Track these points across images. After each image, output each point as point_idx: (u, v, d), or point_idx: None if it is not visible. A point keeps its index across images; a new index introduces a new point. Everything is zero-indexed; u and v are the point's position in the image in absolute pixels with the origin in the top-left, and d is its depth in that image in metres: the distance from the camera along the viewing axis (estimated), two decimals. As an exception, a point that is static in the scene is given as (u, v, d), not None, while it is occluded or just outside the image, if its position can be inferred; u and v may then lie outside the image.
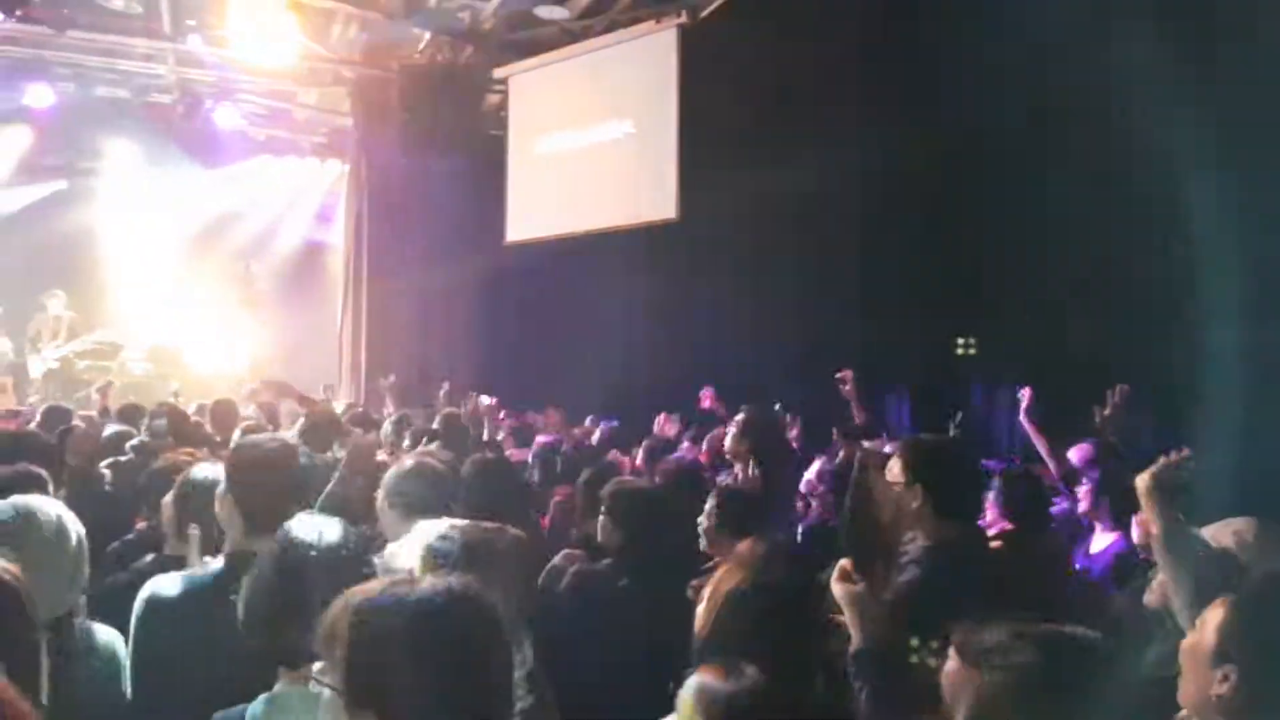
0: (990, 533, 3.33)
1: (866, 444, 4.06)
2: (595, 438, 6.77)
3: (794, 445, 5.39)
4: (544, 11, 9.48)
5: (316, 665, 1.39)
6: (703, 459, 5.28)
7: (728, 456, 4.84)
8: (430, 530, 2.39)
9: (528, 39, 10.06)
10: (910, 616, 2.42)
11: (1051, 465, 4.42)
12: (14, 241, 13.63)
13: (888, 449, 3.32)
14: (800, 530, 4.55)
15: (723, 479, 4.52)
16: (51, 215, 13.79)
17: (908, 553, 2.73)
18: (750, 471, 4.45)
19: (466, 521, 2.51)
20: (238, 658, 1.99)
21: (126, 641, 2.42)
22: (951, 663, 1.69)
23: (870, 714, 1.96)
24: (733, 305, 9.44)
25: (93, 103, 11.68)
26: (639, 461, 5.57)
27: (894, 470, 2.77)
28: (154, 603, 2.43)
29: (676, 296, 9.53)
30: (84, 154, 13.60)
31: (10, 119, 12.74)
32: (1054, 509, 4.04)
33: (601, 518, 3.46)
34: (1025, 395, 4.79)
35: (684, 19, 8.93)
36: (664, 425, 6.63)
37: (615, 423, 6.84)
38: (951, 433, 5.20)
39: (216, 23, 10.19)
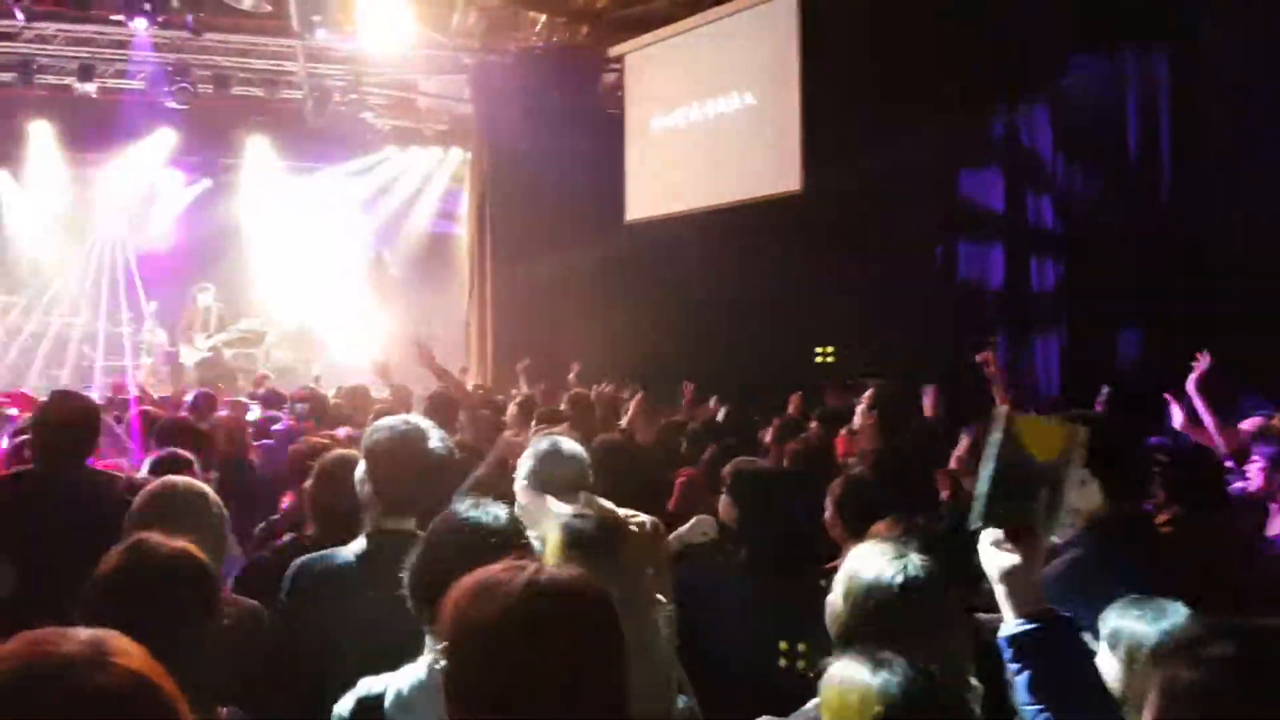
0: (1161, 518, 3.08)
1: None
2: (720, 416, 6.66)
3: (930, 419, 5.14)
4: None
5: (439, 645, 1.38)
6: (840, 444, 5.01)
7: (854, 431, 4.67)
8: (565, 511, 2.36)
9: (643, 15, 9.95)
10: (1068, 597, 2.25)
11: (1220, 441, 4.07)
12: (166, 238, 14.45)
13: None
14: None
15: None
16: (198, 212, 14.57)
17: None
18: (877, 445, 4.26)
19: (601, 503, 2.48)
20: (381, 630, 2.05)
21: (269, 615, 2.54)
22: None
23: (1031, 702, 1.79)
24: (861, 280, 9.07)
25: (229, 102, 12.17)
26: (768, 441, 5.45)
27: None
28: (302, 579, 2.54)
29: (802, 271, 9.24)
30: (224, 152, 14.25)
31: (156, 122, 13.47)
32: (1232, 489, 3.70)
33: (723, 497, 3.38)
34: (1200, 363, 4.39)
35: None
36: (795, 405, 6.46)
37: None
38: (1099, 407, 4.88)
39: (341, 17, 10.47)
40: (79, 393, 4.36)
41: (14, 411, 6.25)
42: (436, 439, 2.89)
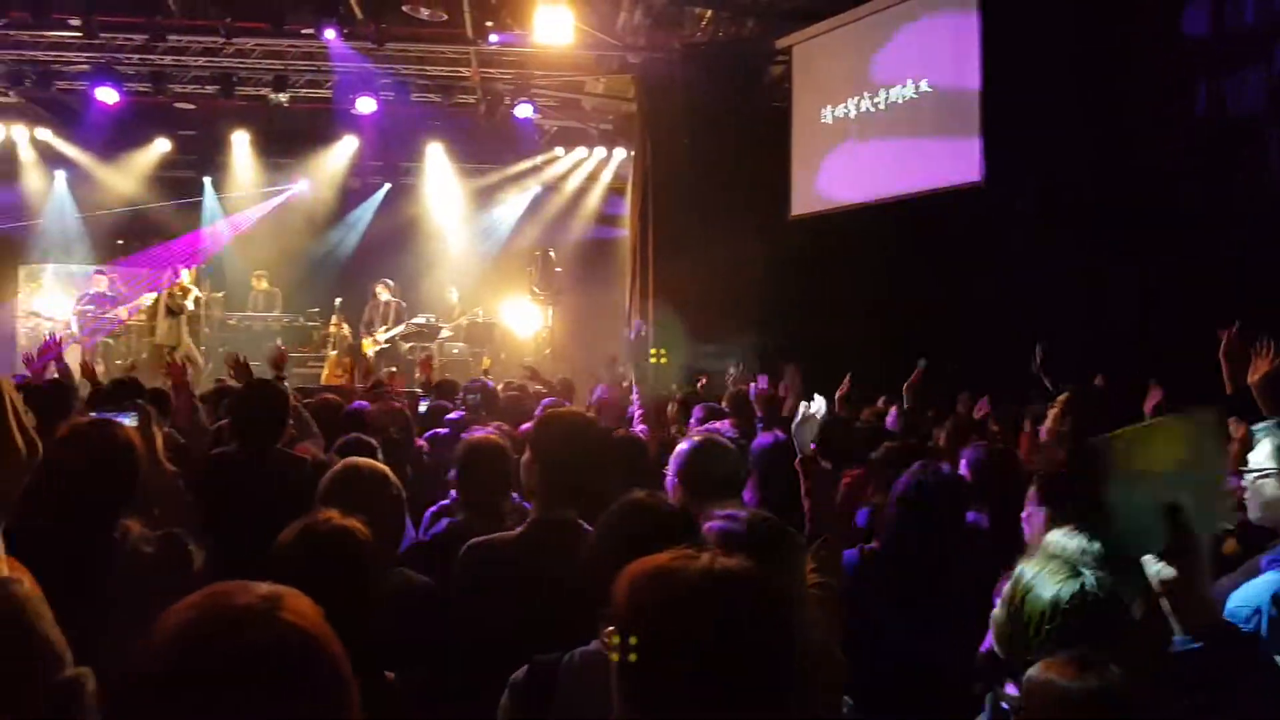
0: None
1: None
2: (890, 418, 6.43)
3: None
4: (829, -26, 9.18)
5: (609, 629, 1.39)
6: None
7: (1045, 439, 4.38)
8: (716, 512, 2.34)
9: (811, 6, 9.76)
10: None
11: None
12: (350, 239, 15.33)
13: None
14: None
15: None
16: (379, 213, 15.40)
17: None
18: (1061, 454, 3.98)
19: (753, 508, 2.44)
20: (544, 613, 2.14)
21: (439, 592, 2.69)
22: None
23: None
24: (1047, 274, 8.50)
25: (408, 108, 12.75)
26: (941, 443, 5.21)
27: (1260, 455, 2.38)
28: (471, 560, 2.65)
29: (980, 265, 8.80)
30: (402, 155, 14.98)
31: (342, 129, 14.30)
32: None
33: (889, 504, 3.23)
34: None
35: (985, -35, 8.28)
36: (979, 407, 6.16)
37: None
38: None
39: (512, 23, 10.80)
40: (273, 381, 4.64)
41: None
42: (598, 431, 2.92)
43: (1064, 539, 2.03)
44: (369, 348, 12.63)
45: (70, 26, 10.73)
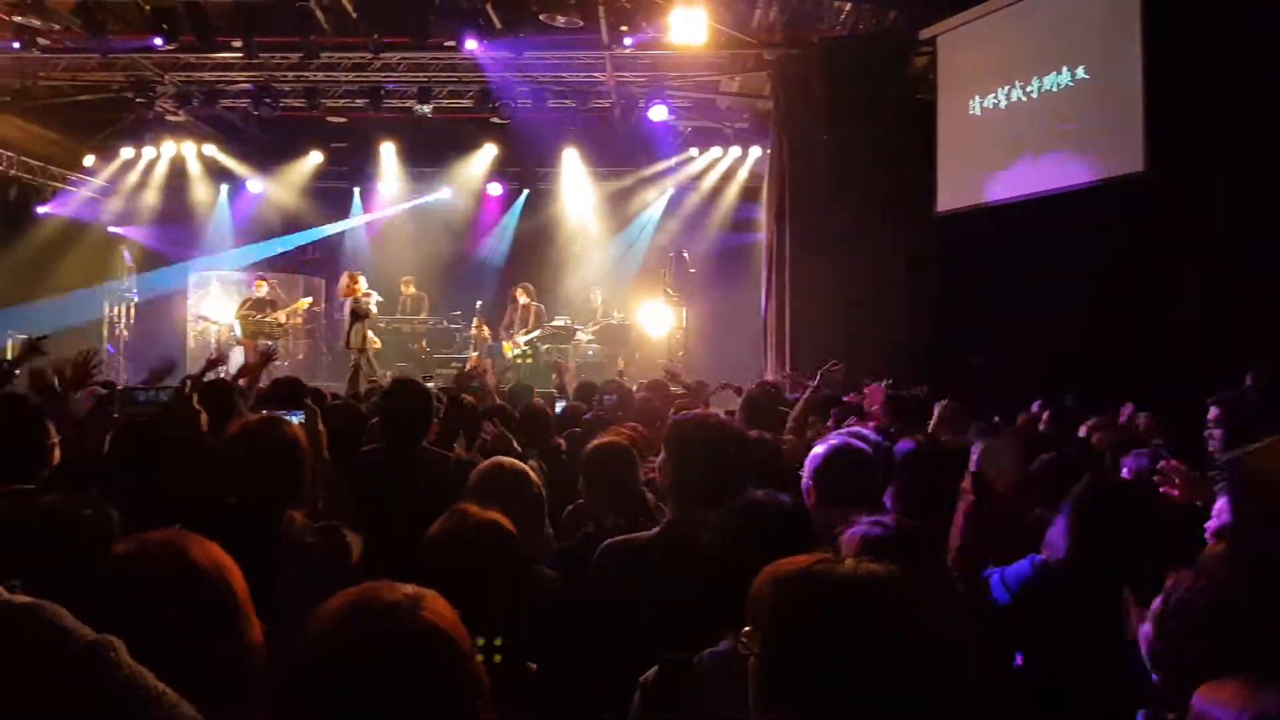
0: None
1: None
2: (1043, 424, 6.12)
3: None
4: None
5: (745, 629, 1.41)
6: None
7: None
8: (862, 518, 2.30)
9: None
10: None
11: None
12: (490, 244, 15.74)
13: None
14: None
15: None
16: (518, 218, 15.78)
17: None
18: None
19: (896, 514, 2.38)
20: (677, 613, 2.12)
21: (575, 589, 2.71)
22: None
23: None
24: (1219, 272, 7.91)
25: (545, 114, 12.99)
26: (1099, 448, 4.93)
27: None
28: (607, 560, 2.68)
29: (1145, 263, 8.26)
30: (540, 161, 15.29)
31: (482, 138, 14.71)
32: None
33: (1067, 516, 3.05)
34: None
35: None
36: (1143, 420, 5.80)
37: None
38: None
39: (646, 26, 10.85)
40: (418, 381, 4.79)
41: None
42: (732, 432, 2.89)
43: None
44: (509, 350, 12.93)
45: (232, 48, 11.40)
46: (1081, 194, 8.47)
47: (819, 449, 3.13)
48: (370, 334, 12.12)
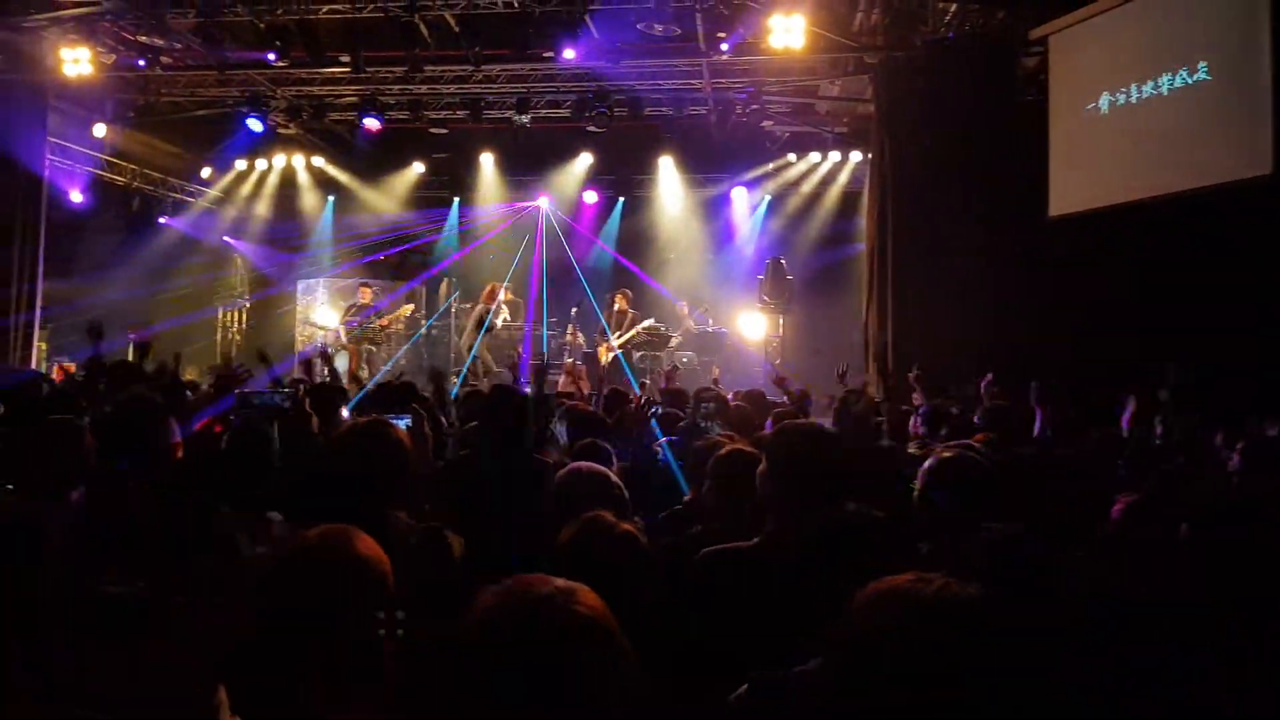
0: None
1: None
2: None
3: None
4: (1090, -44, 8.50)
5: (834, 647, 1.42)
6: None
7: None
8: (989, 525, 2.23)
9: (1069, -9, 9.11)
10: None
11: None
12: (582, 249, 15.83)
13: None
14: None
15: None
16: (614, 225, 15.87)
17: None
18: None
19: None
20: (772, 626, 2.14)
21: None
22: None
23: None
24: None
25: (641, 121, 13.03)
26: (1234, 465, 4.65)
27: None
28: (704, 569, 2.67)
29: (1268, 268, 7.82)
30: (636, 169, 15.36)
31: (577, 146, 14.85)
32: None
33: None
34: None
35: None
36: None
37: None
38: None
39: (745, 31, 10.79)
40: (515, 388, 4.84)
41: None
42: (835, 442, 2.84)
43: None
44: (604, 356, 12.99)
45: (341, 63, 11.77)
46: (1202, 197, 8.08)
47: (930, 460, 3.06)
48: (485, 349, 12.47)
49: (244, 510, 2.85)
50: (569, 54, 10.87)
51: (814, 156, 14.44)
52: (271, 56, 11.13)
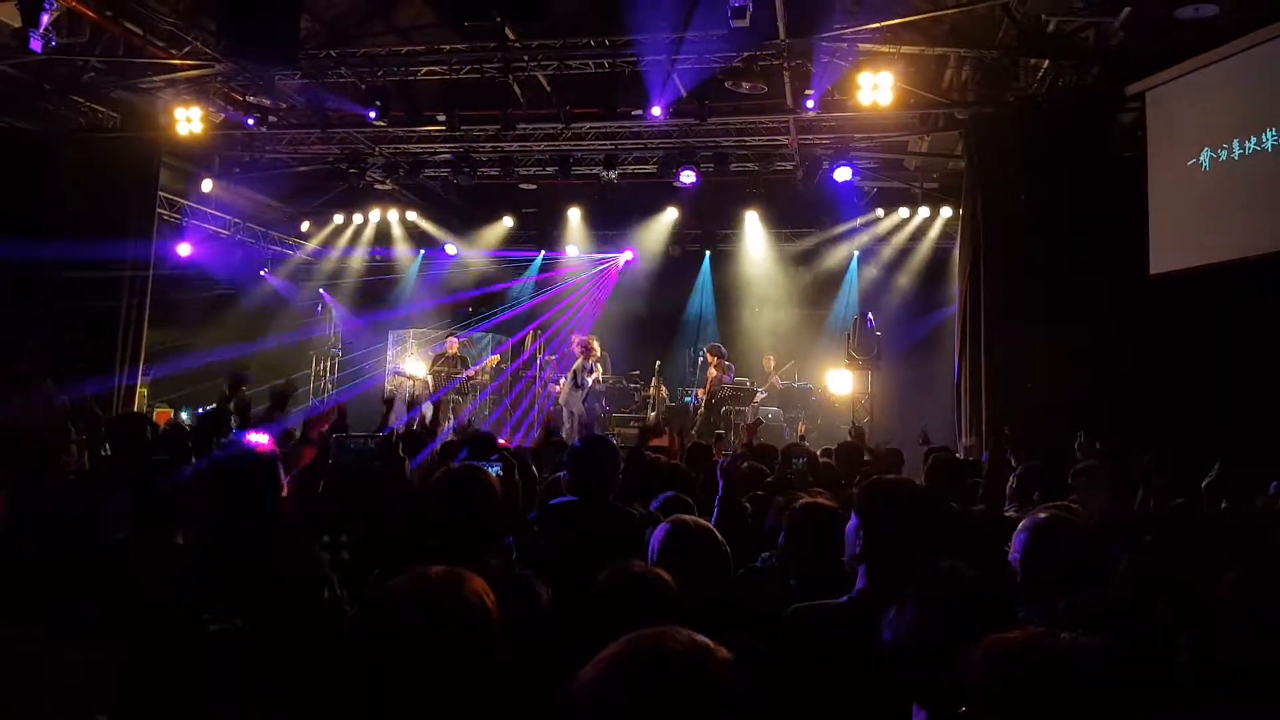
0: None
1: None
2: None
3: None
4: (1188, 12, 8.32)
5: (963, 708, 1.39)
6: None
7: None
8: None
9: (1166, 48, 8.92)
10: None
11: None
12: (672, 305, 15.89)
13: None
14: None
15: None
16: (698, 279, 15.93)
17: None
18: None
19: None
20: (866, 686, 2.11)
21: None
22: None
23: None
24: None
25: (728, 177, 13.12)
26: None
27: None
28: (794, 626, 2.65)
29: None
30: (721, 223, 15.45)
31: (665, 201, 15.02)
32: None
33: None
34: None
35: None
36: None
37: None
38: None
39: (832, 89, 10.83)
40: (606, 438, 4.86)
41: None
42: (930, 499, 2.80)
43: None
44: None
45: (437, 122, 12.17)
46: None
47: (1025, 522, 3.02)
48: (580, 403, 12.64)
49: (343, 553, 2.91)
50: (656, 111, 11.05)
51: (903, 212, 14.34)
52: (372, 115, 11.58)
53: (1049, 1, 8.66)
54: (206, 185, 14.35)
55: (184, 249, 14.57)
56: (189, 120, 11.63)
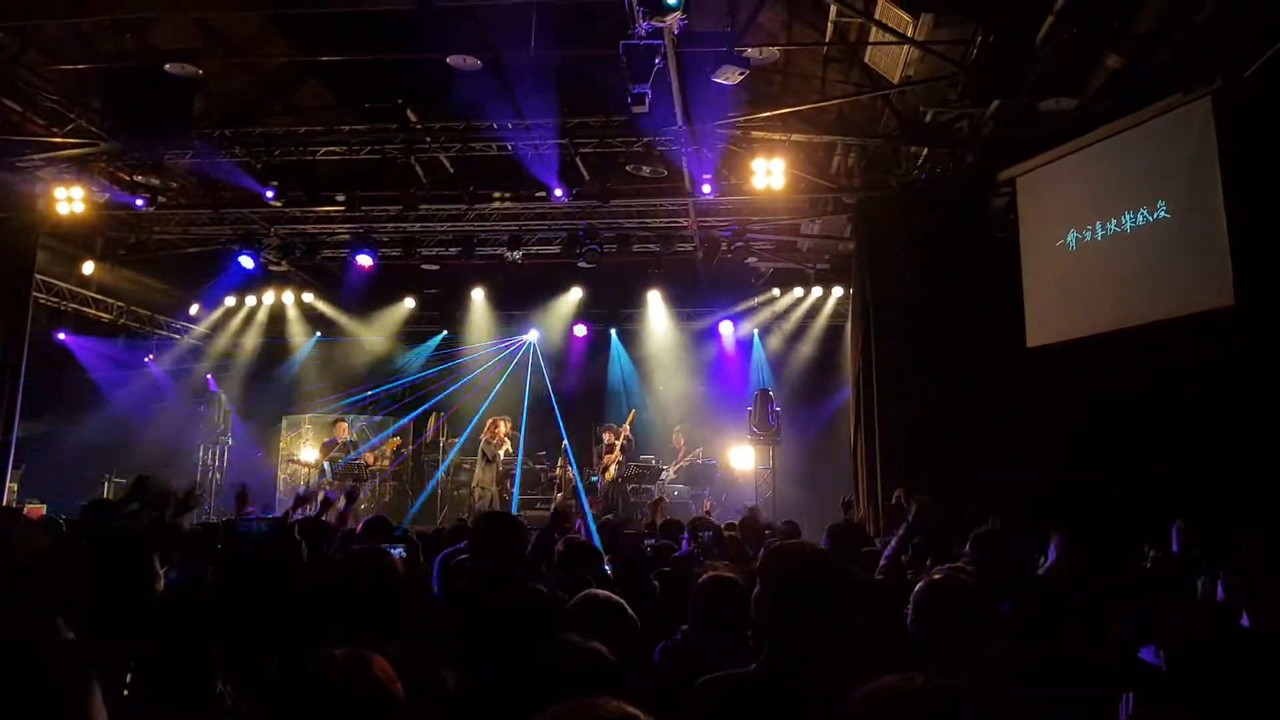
0: None
1: None
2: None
3: None
4: (1050, 105, 8.96)
5: None
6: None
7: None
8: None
9: (1033, 136, 9.56)
10: None
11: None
12: (574, 385, 15.86)
13: None
14: None
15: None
16: (601, 359, 16.01)
17: None
18: None
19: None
20: None
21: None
22: None
23: None
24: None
25: (630, 258, 13.34)
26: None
27: None
28: (704, 696, 2.61)
29: (1238, 397, 7.99)
30: (624, 303, 15.64)
31: (566, 282, 15.15)
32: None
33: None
34: None
35: (1219, 84, 7.88)
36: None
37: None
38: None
39: (728, 174, 11.23)
40: (513, 516, 4.81)
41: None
42: (832, 564, 2.85)
43: None
44: (594, 489, 12.93)
45: (336, 202, 12.08)
46: (1169, 327, 8.30)
47: (921, 583, 3.11)
48: (493, 484, 12.48)
49: (237, 643, 2.78)
50: (559, 193, 11.24)
51: (797, 291, 14.80)
52: (269, 195, 11.42)
53: (925, 94, 9.20)
54: (88, 268, 13.84)
55: (61, 335, 13.97)
56: (70, 200, 11.22)
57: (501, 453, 13.00)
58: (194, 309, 16.22)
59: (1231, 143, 7.80)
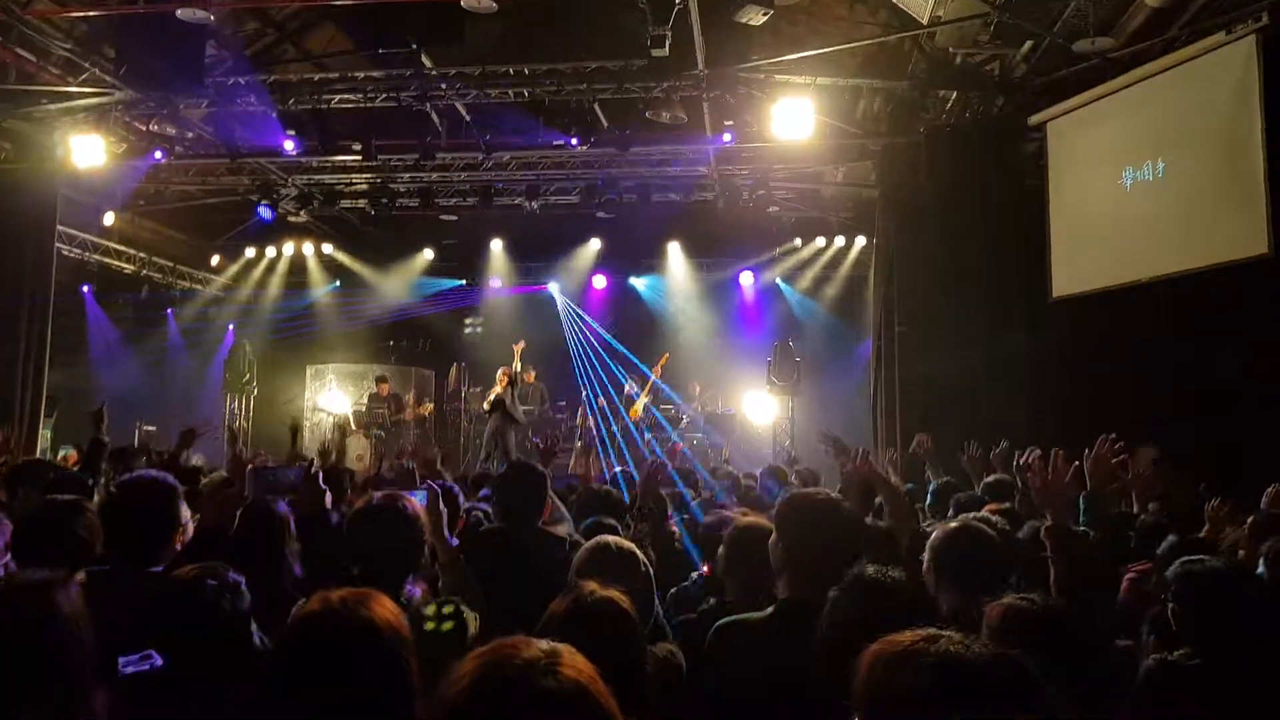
0: None
1: None
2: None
3: None
4: (1085, 45, 8.67)
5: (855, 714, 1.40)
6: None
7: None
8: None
9: (1066, 80, 9.29)
10: None
11: None
12: (592, 333, 15.85)
13: None
14: None
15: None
16: (621, 308, 15.94)
17: None
18: None
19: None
20: (794, 694, 2.13)
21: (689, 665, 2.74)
22: None
23: None
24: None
25: (649, 208, 13.19)
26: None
27: None
28: (719, 639, 2.65)
29: (1270, 348, 7.82)
30: (644, 253, 15.53)
31: (586, 232, 15.04)
32: None
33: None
34: None
35: (1265, 22, 7.58)
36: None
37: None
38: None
39: (750, 119, 11.01)
40: (532, 465, 4.78)
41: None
42: (846, 513, 2.85)
43: None
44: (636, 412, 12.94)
45: (352, 151, 11.99)
46: (1203, 278, 8.12)
47: (938, 531, 3.10)
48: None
49: (260, 586, 2.78)
50: (575, 141, 11.07)
51: (820, 241, 14.62)
52: (288, 145, 11.33)
53: (956, 35, 8.94)
54: (109, 219, 13.85)
55: (85, 285, 14.04)
56: (88, 151, 11.17)
57: (508, 400, 12.80)
58: (215, 260, 16.26)
59: (1273, 84, 7.54)
